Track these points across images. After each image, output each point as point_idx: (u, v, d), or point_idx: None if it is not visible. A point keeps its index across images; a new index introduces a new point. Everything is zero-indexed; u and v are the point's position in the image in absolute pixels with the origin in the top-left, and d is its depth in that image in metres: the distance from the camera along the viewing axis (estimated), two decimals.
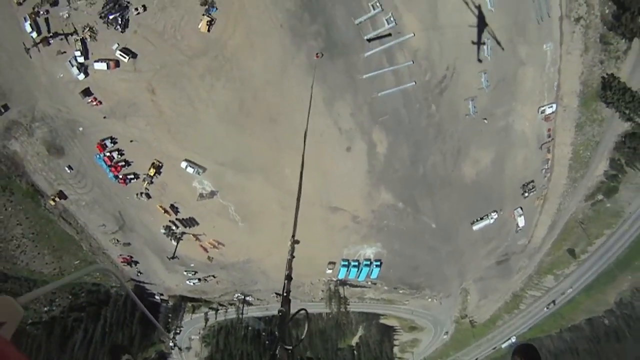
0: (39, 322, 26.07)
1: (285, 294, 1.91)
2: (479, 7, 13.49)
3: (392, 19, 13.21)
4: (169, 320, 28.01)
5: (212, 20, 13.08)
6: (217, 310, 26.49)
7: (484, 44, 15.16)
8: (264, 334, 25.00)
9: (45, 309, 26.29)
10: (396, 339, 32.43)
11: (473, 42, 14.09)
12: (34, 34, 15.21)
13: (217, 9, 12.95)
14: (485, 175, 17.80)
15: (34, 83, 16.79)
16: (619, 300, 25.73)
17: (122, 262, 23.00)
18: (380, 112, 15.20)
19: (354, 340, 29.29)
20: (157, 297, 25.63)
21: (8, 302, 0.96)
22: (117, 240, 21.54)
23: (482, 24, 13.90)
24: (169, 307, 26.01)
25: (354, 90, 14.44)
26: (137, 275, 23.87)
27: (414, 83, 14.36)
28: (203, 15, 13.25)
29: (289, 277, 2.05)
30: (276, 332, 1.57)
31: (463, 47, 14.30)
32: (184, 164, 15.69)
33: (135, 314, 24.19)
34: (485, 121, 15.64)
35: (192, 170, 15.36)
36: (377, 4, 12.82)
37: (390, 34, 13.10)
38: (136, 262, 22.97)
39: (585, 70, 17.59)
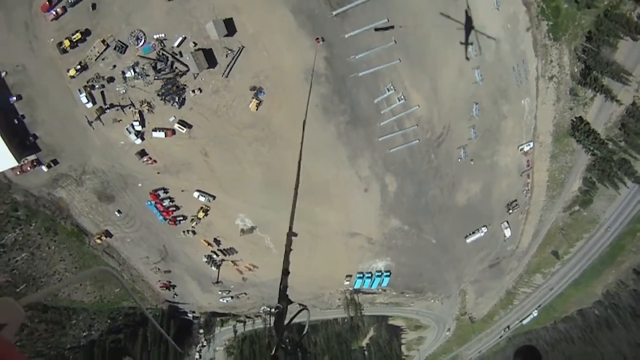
0: (77, 346, 35.80)
1: (282, 289, 2.13)
2: (470, 82, 22.77)
3: (402, 96, 22.57)
4: (200, 335, 38.84)
5: (260, 101, 21.62)
6: (244, 322, 37.32)
7: (476, 103, 24.87)
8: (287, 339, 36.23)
9: (84, 333, 36.06)
10: (403, 337, 45.80)
11: (465, 106, 23.45)
12: (90, 105, 22.87)
13: (264, 92, 21.47)
14: (475, 200, 28.58)
15: (87, 144, 24.92)
16: (605, 292, 38.19)
17: (160, 287, 32.82)
18: (391, 162, 25.10)
19: (365, 342, 41.90)
20: (189, 314, 36.02)
21: (9, 304, 1.25)
22: (158, 268, 31.04)
23: (472, 93, 23.50)
24: (201, 323, 36.47)
25: (372, 149, 24.08)
26: (173, 297, 33.90)
27: (418, 140, 24.15)
28: (252, 98, 21.74)
29: (285, 272, 2.29)
30: (273, 331, 1.77)
31: (457, 112, 23.98)
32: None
33: (170, 332, 34.17)
34: (472, 162, 25.90)
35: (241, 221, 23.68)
36: (391, 86, 21.97)
37: (401, 105, 22.15)
38: (174, 286, 32.76)
39: (557, 115, 27.91)
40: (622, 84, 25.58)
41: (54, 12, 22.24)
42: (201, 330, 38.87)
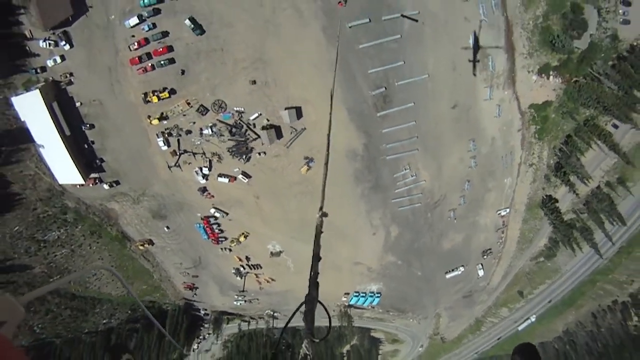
0: (95, 331, 51.85)
1: (313, 276, 2.63)
2: (466, 167, 39.47)
3: (414, 174, 39.37)
4: (204, 329, 56.35)
5: (310, 167, 37.13)
6: (248, 322, 55.32)
7: (469, 181, 42.36)
8: (284, 340, 54.64)
9: (104, 321, 52.35)
10: (381, 348, 67.80)
11: (459, 183, 40.32)
12: (165, 147, 36.69)
13: (314, 162, 36.88)
14: (457, 247, 47.42)
15: (152, 174, 39.21)
16: (565, 329, 60.08)
17: (184, 287, 49.28)
18: (397, 216, 42.44)
19: (346, 348, 62.15)
20: (201, 311, 53.11)
21: (9, 301, 1.55)
22: (188, 273, 47.20)
23: (466, 174, 40.43)
24: (211, 320, 53.73)
25: (384, 207, 41.32)
26: (193, 296, 50.57)
27: (420, 204, 41.62)
28: (305, 164, 37.14)
29: (317, 257, 2.73)
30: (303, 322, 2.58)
31: (452, 186, 41.41)
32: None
33: (183, 325, 50.90)
34: (455, 221, 43.82)
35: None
36: (408, 167, 38.57)
37: (412, 179, 38.76)
38: (196, 288, 49.23)
39: (532, 192, 46.24)
40: (583, 184, 43.66)
41: (143, 68, 34.34)
42: (206, 325, 56.34)
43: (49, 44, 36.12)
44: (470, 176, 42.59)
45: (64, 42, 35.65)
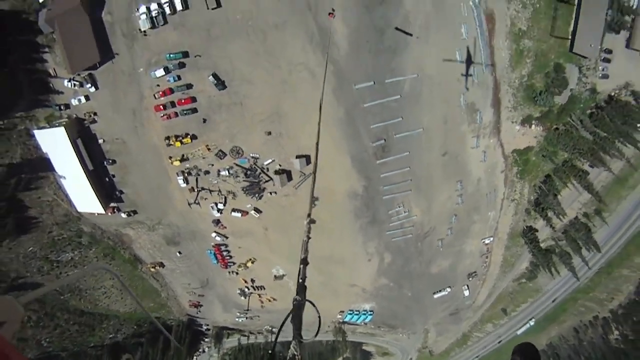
0: (101, 345, 60.56)
1: (301, 280, 3.52)
2: (454, 204, 49.56)
3: (407, 210, 49.38)
4: (204, 342, 66.03)
5: (315, 205, 46.33)
6: (248, 336, 65.20)
7: (456, 215, 52.66)
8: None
9: (110, 336, 61.06)
10: None
11: (447, 217, 50.56)
12: (184, 185, 45.21)
13: (319, 199, 45.98)
14: (444, 271, 58.39)
15: (168, 206, 47.93)
16: (549, 343, 72.35)
17: (189, 305, 58.36)
18: (391, 245, 52.56)
19: None
20: (203, 326, 62.49)
21: (9, 302, 1.86)
22: (194, 292, 56.20)
23: (454, 209, 50.52)
24: (212, 335, 63.18)
25: (379, 238, 51.53)
26: (197, 313, 59.71)
27: (411, 235, 51.90)
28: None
29: (304, 261, 3.67)
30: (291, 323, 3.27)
31: (441, 220, 51.67)
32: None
33: (186, 340, 60.43)
34: (442, 249, 54.22)
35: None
36: (402, 204, 48.46)
37: (405, 215, 48.82)
38: (201, 306, 58.36)
39: (513, 223, 57.24)
40: (559, 219, 54.20)
41: (167, 115, 42.14)
42: (206, 339, 65.74)
43: (74, 84, 43.46)
44: (457, 211, 52.98)
45: (89, 85, 42.88)
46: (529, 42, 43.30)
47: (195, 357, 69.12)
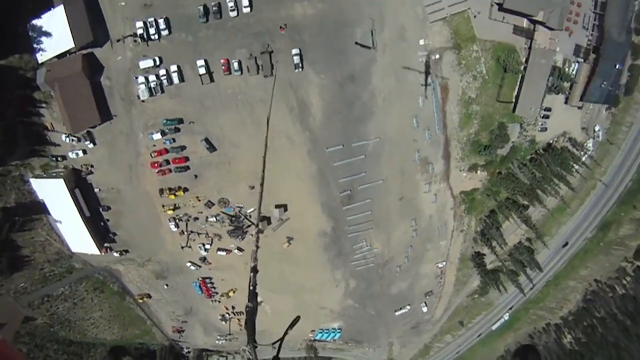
0: None
1: (252, 288, 5.98)
2: (409, 236, 67.12)
3: (369, 245, 66.54)
4: None
5: (290, 244, 61.49)
6: (226, 357, 79.59)
7: (411, 246, 70.19)
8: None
9: None
10: None
11: (404, 248, 68.16)
12: (174, 229, 58.36)
13: (294, 239, 61.26)
14: (403, 291, 77.12)
15: (159, 247, 61.12)
16: (507, 349, 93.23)
17: (173, 331, 71.93)
18: (355, 273, 69.26)
19: None
20: (185, 350, 75.95)
21: (8, 303, 3.60)
22: (178, 319, 69.56)
23: (410, 242, 67.89)
24: (194, 356, 76.79)
25: (345, 267, 69.83)
26: (179, 338, 73.01)
27: (373, 264, 68.93)
28: (286, 242, 61.71)
29: (254, 270, 6.12)
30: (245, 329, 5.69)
31: (399, 251, 69.40)
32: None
33: None
34: (398, 275, 71.81)
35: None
36: (364, 240, 65.16)
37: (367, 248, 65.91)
38: (183, 331, 71.78)
39: (463, 249, 76.59)
40: (501, 248, 73.08)
41: (162, 172, 54.21)
42: None
43: (72, 139, 53.60)
44: (412, 242, 70.62)
45: (87, 142, 53.51)
46: (477, 106, 61.07)
47: None
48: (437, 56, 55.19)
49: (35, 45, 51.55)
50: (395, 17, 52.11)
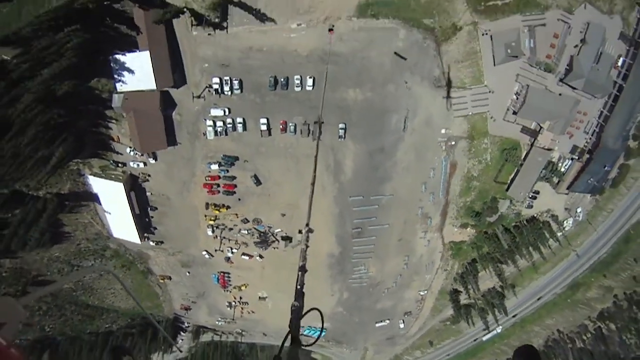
0: (96, 332, 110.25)
1: (299, 287, 7.99)
2: (401, 268, 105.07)
3: (366, 269, 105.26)
4: (184, 337, 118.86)
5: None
6: (220, 335, 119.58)
7: (400, 275, 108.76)
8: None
9: (106, 326, 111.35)
10: None
11: (394, 276, 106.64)
12: (211, 234, 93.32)
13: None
14: (387, 308, 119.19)
15: (192, 244, 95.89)
16: None
17: (180, 307, 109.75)
18: (350, 288, 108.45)
19: None
20: (186, 324, 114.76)
21: (9, 303, 3.58)
22: (189, 299, 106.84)
23: (400, 272, 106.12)
24: (192, 331, 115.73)
25: (343, 282, 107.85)
26: (184, 314, 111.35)
27: (366, 283, 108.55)
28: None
29: (303, 269, 8.44)
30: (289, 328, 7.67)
31: (389, 277, 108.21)
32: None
33: (170, 335, 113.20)
34: (384, 295, 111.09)
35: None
36: (363, 264, 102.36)
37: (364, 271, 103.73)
38: (190, 309, 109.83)
39: (443, 284, 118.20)
40: (474, 292, 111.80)
41: (212, 192, 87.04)
42: (183, 333, 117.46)
43: (136, 153, 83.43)
44: (402, 272, 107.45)
45: (150, 158, 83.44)
46: (476, 182, 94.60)
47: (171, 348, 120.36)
48: (453, 142, 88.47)
49: (116, 76, 78.55)
50: (427, 109, 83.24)
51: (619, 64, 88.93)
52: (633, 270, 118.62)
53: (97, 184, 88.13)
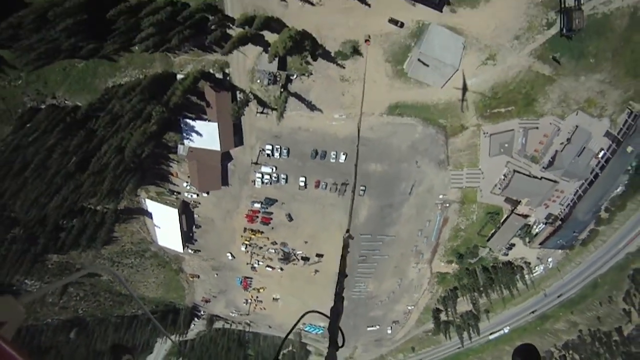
0: (122, 316, 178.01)
1: (338, 292, 11.92)
2: (394, 289, 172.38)
3: (365, 285, 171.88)
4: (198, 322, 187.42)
5: (316, 274, 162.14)
6: (230, 324, 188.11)
7: (393, 292, 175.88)
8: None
9: (133, 311, 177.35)
10: (309, 358, 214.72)
11: (386, 294, 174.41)
12: (244, 249, 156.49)
13: (319, 271, 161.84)
14: (378, 316, 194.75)
15: (224, 253, 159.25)
16: None
17: (201, 300, 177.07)
18: (350, 298, 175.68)
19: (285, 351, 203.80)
20: (201, 312, 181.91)
21: (10, 302, 5.50)
22: (211, 294, 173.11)
23: (391, 291, 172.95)
24: (207, 318, 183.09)
25: (345, 294, 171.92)
26: (203, 305, 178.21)
27: (364, 296, 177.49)
28: (314, 271, 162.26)
29: (343, 274, 12.80)
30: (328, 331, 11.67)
31: (384, 293, 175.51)
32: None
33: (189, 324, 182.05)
34: (378, 305, 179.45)
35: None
36: (363, 283, 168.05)
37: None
38: (209, 302, 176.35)
39: (429, 303, 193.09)
40: (452, 313, 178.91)
41: (251, 221, 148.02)
42: (197, 320, 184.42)
43: (191, 187, 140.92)
44: (394, 290, 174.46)
45: (204, 193, 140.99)
46: (463, 233, 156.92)
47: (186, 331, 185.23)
48: (448, 205, 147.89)
49: (185, 135, 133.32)
50: (430, 181, 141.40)
51: (600, 155, 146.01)
52: (598, 312, 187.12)
53: (152, 206, 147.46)
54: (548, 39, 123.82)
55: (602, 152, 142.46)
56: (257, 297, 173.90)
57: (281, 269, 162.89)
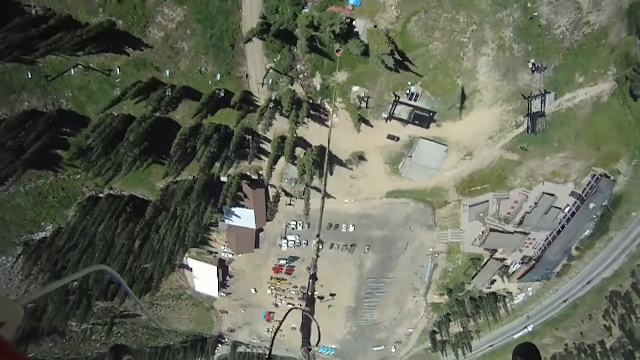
0: (156, 347, 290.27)
1: (310, 294, 42.80)
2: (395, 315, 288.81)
3: (371, 315, 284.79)
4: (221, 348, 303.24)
5: (330, 307, 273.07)
6: (251, 349, 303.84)
7: (395, 319, 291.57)
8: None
9: (165, 342, 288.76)
10: None
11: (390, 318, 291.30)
12: (270, 292, 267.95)
13: (332, 306, 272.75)
14: (383, 338, 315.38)
15: (254, 298, 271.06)
16: None
17: (228, 330, 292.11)
18: (359, 325, 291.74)
19: None
20: (225, 340, 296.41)
21: (8, 303, 8.64)
22: (237, 325, 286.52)
23: (394, 318, 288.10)
24: (230, 344, 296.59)
25: (354, 321, 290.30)
26: (227, 334, 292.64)
27: (370, 323, 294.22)
28: (328, 306, 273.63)
29: (314, 277, 43.81)
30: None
31: (387, 320, 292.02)
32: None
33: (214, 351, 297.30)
34: (383, 330, 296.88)
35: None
36: (370, 312, 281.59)
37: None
38: (234, 331, 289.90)
39: (426, 326, 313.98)
40: (445, 335, 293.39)
41: (278, 272, 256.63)
42: (220, 346, 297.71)
43: (228, 250, 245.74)
44: (396, 318, 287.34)
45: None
46: (451, 274, 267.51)
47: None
48: (437, 255, 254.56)
49: (226, 216, 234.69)
50: (421, 240, 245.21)
51: (566, 210, 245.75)
52: (581, 328, 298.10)
53: (194, 263, 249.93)
54: (517, 135, 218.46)
55: (568, 207, 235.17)
56: (281, 330, 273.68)
57: (300, 306, 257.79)
